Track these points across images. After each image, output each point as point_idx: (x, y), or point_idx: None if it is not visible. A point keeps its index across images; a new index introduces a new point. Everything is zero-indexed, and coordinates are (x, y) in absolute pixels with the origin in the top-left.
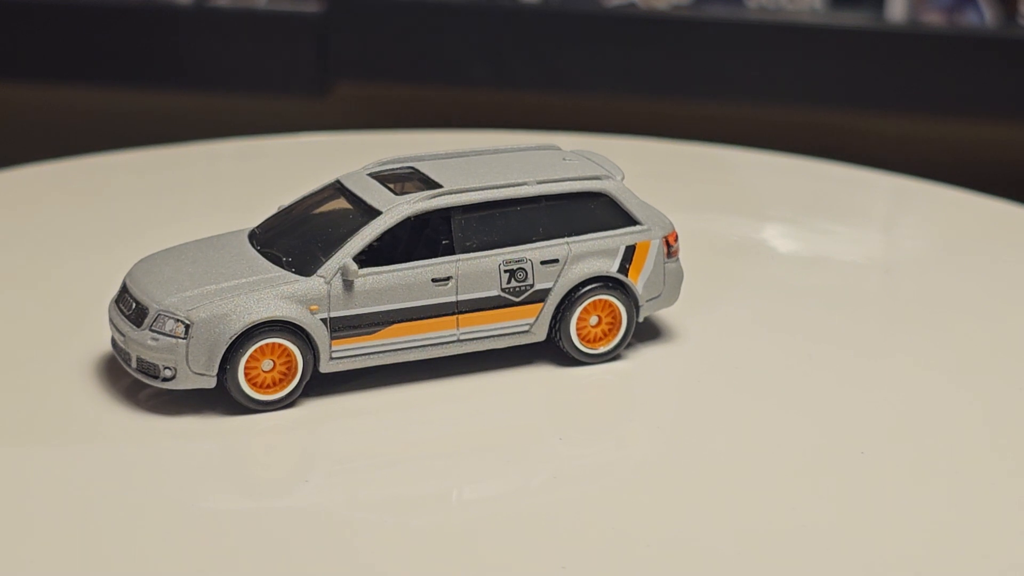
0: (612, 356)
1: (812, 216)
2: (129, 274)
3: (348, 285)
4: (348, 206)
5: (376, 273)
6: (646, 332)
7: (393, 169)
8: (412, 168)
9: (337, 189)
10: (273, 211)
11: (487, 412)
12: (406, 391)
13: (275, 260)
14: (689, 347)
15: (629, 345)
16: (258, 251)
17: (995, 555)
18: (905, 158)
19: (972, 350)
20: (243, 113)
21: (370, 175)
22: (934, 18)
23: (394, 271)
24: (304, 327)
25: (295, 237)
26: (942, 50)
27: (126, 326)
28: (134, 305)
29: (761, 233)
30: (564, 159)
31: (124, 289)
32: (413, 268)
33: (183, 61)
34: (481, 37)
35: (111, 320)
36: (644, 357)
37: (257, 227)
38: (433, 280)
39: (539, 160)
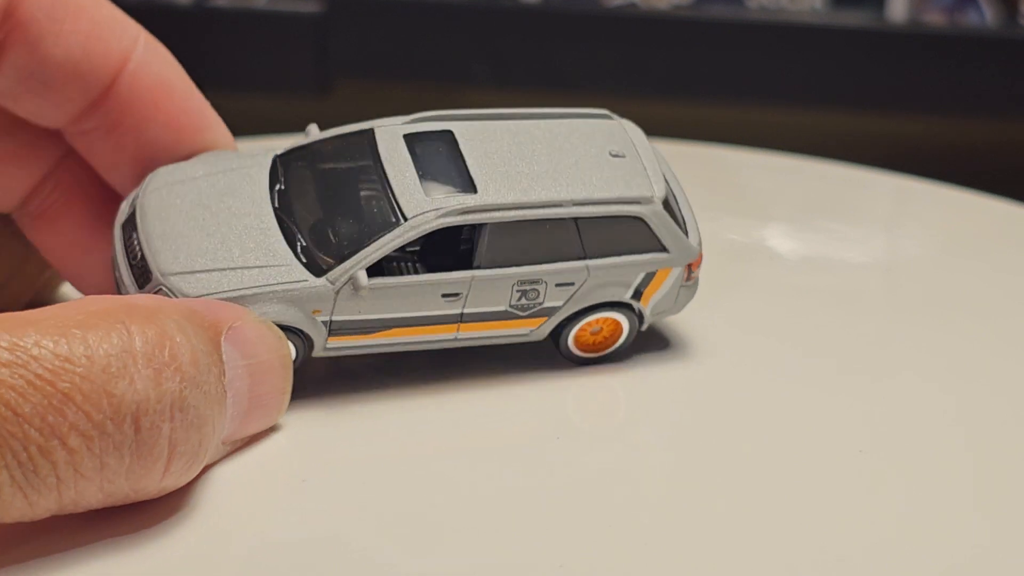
0: (612, 358)
1: (812, 216)
2: (141, 206)
3: (355, 293)
4: (375, 189)
5: (385, 285)
6: (647, 333)
7: (428, 134)
8: (449, 142)
9: (369, 148)
10: (304, 136)
11: (486, 413)
12: (406, 391)
13: (290, 238)
14: (690, 348)
15: (630, 347)
16: (275, 212)
17: (994, 553)
18: (905, 158)
19: (973, 350)
20: (243, 113)
21: (405, 136)
22: (934, 18)
23: (404, 284)
24: (304, 329)
25: (314, 210)
26: (942, 50)
27: (128, 278)
28: (140, 255)
29: (761, 233)
30: (611, 154)
31: (133, 226)
32: (424, 282)
33: (183, 61)
34: (481, 37)
35: (114, 257)
36: (644, 357)
37: (282, 155)
38: (443, 295)
39: (586, 160)
